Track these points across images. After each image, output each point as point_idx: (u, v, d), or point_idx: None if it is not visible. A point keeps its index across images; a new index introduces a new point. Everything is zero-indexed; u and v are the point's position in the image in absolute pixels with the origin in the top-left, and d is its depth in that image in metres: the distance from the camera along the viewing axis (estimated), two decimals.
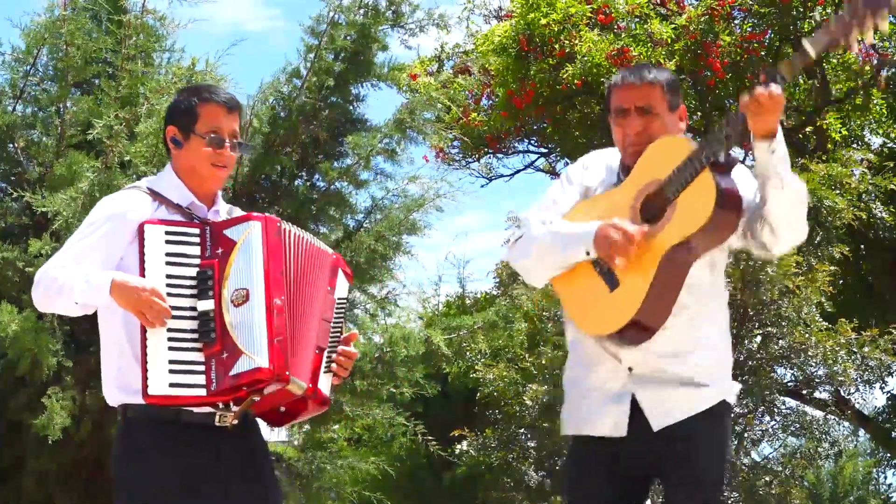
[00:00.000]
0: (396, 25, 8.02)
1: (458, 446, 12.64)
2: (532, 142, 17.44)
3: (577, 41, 13.52)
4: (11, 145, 7.28)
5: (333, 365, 3.80)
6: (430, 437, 8.16)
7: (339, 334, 3.84)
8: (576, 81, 13.29)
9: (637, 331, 3.68)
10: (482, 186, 18.26)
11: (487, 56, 14.95)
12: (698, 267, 3.77)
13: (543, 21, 13.81)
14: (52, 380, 6.52)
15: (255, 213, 3.65)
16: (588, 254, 3.73)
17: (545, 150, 17.51)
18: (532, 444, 12.53)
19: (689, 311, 3.77)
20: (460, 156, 17.57)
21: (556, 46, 13.78)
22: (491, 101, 16.03)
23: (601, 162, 4.02)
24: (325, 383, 3.74)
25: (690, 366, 3.77)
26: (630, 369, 3.78)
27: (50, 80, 7.37)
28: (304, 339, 3.64)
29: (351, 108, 7.93)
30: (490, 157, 17.88)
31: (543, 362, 10.74)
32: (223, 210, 3.84)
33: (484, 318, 8.34)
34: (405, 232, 7.72)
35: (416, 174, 7.91)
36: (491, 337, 9.05)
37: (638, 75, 3.91)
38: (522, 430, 12.30)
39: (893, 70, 15.19)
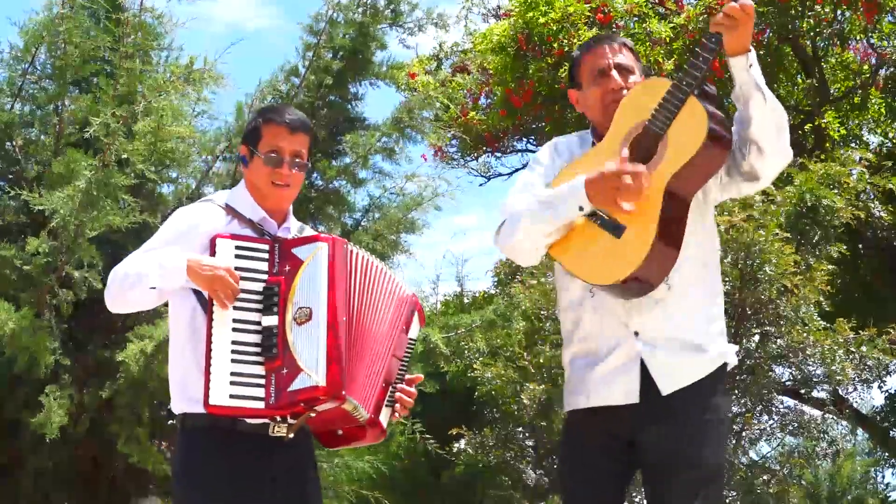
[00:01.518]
0: (395, 24, 8.03)
1: (456, 445, 12.63)
2: (530, 140, 17.43)
3: (575, 40, 13.50)
4: (9, 143, 7.28)
5: (397, 400, 3.89)
6: (428, 436, 8.16)
7: (405, 372, 3.93)
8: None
9: (643, 278, 3.65)
10: (480, 185, 18.29)
11: (486, 55, 14.94)
12: (693, 224, 3.76)
13: (542, 20, 13.80)
14: (50, 378, 6.52)
15: (323, 234, 3.74)
16: (581, 209, 3.69)
17: None
18: (530, 443, 12.52)
19: (687, 265, 3.75)
20: (458, 154, 17.57)
21: (555, 45, 13.77)
22: (489, 100, 16.03)
23: (570, 138, 4.05)
24: (384, 416, 3.83)
25: (695, 326, 3.78)
26: (636, 333, 3.77)
27: (48, 79, 7.37)
28: (368, 363, 3.71)
29: (349, 106, 7.95)
30: (488, 156, 17.88)
31: (542, 361, 10.72)
32: (294, 227, 3.94)
33: (482, 316, 8.35)
34: (403, 231, 7.73)
35: (414, 173, 7.94)
36: (489, 336, 9.05)
37: (606, 37, 4.00)
38: (520, 429, 12.29)
39: (892, 69, 15.18)
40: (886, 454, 19.73)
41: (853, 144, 15.56)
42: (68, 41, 7.00)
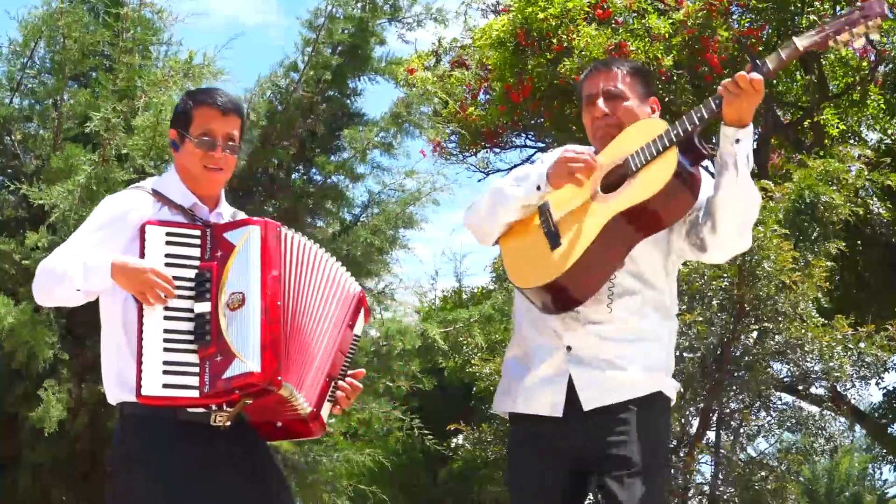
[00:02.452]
0: (394, 19, 8.02)
1: (454, 440, 12.64)
2: (529, 136, 17.43)
3: (574, 36, 13.50)
4: (8, 138, 7.27)
5: (339, 393, 3.83)
6: (426, 432, 8.16)
7: (347, 367, 3.88)
8: (573, 76, 13.26)
9: (562, 293, 3.68)
10: (479, 181, 18.26)
11: (485, 50, 14.94)
12: (652, 263, 3.80)
13: (541, 15, 13.79)
14: (49, 372, 6.52)
15: (255, 218, 3.67)
16: (539, 188, 3.75)
17: (542, 145, 17.49)
18: None
19: (635, 298, 3.78)
20: (457, 150, 17.56)
21: (554, 41, 13.76)
22: (488, 96, 16.02)
23: (585, 147, 4.07)
24: (325, 410, 3.77)
25: (630, 353, 3.77)
26: (569, 348, 3.78)
27: (47, 73, 7.37)
28: (307, 350, 3.66)
29: (348, 101, 7.94)
30: (487, 152, 17.87)
31: None
32: (227, 213, 3.88)
33: (480, 311, 8.34)
34: (402, 226, 7.72)
35: (413, 168, 7.93)
36: (487, 331, 9.05)
37: (604, 63, 4.02)
38: None
39: (891, 66, 15.18)
40: (884, 451, 19.73)
41: (852, 141, 15.54)
42: (67, 35, 6.99)
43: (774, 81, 15.14)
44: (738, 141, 3.64)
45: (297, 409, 3.65)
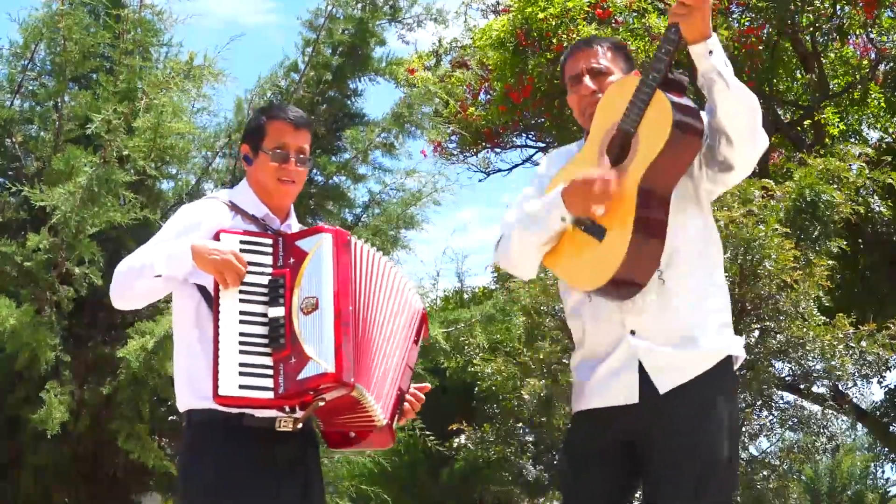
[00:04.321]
0: (394, 20, 8.03)
1: (456, 440, 12.64)
2: (530, 136, 17.44)
3: (575, 35, 13.50)
4: (9, 140, 7.28)
5: (405, 406, 3.94)
6: (427, 432, 8.15)
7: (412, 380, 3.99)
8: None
9: (626, 280, 3.66)
10: (480, 181, 18.30)
11: (485, 50, 14.94)
12: (683, 215, 3.76)
13: (541, 15, 13.80)
14: (51, 374, 6.52)
15: (326, 226, 3.76)
16: (564, 220, 3.73)
17: (543, 145, 17.51)
18: (530, 439, 12.54)
19: (680, 258, 3.75)
20: (458, 150, 17.58)
21: (554, 41, 13.77)
22: (489, 96, 16.03)
23: (569, 147, 4.09)
24: (395, 421, 3.87)
25: (692, 323, 3.74)
26: (633, 332, 3.75)
27: (48, 75, 7.38)
28: (377, 354, 3.74)
29: (349, 102, 7.95)
30: (488, 152, 17.89)
31: (541, 357, 10.73)
32: (295, 225, 3.97)
33: (482, 311, 8.34)
34: (403, 226, 7.72)
35: (413, 168, 7.94)
36: (489, 331, 9.04)
37: (584, 42, 4.01)
38: (520, 425, 12.31)
39: (891, 65, 15.18)
40: (886, 449, 19.76)
41: (853, 139, 15.55)
42: (68, 37, 7.00)
43: (774, 80, 15.15)
44: (711, 53, 3.66)
45: (372, 418, 3.72)
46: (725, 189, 4.01)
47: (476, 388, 11.73)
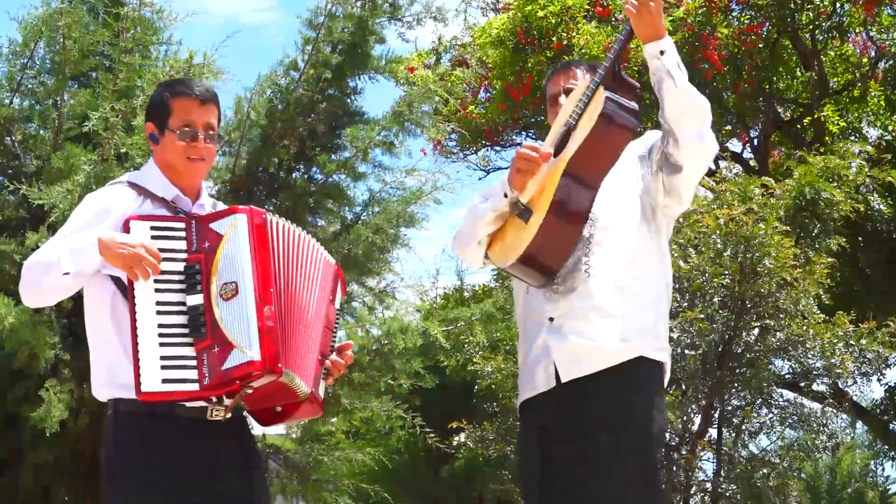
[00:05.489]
0: (394, 18, 8.03)
1: (456, 439, 12.65)
2: (529, 134, 17.41)
3: (574, 34, 13.51)
4: (8, 138, 7.27)
5: (329, 366, 3.84)
6: (428, 430, 8.15)
7: (334, 342, 3.88)
8: None
9: (537, 262, 3.73)
10: (480, 179, 18.29)
11: (485, 48, 14.93)
12: (627, 215, 3.81)
13: (541, 13, 13.80)
14: (50, 372, 6.52)
15: (240, 206, 3.63)
16: (506, 195, 3.83)
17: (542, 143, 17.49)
18: None
19: (612, 257, 3.77)
20: (458, 148, 17.58)
21: (554, 39, 13.77)
22: (488, 94, 16.02)
23: None
24: (321, 389, 3.79)
25: (610, 319, 3.74)
26: (551, 320, 3.78)
27: (47, 73, 7.37)
28: (301, 334, 3.65)
29: (348, 100, 7.93)
30: (488, 150, 17.90)
31: None
32: (208, 204, 3.85)
33: (482, 309, 8.34)
34: (403, 224, 7.72)
35: (413, 167, 7.93)
36: (489, 329, 9.05)
37: (563, 65, 4.11)
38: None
39: (891, 62, 15.18)
40: (886, 447, 19.75)
41: (852, 137, 15.55)
42: (67, 36, 6.99)
43: (774, 77, 15.15)
44: (662, 53, 3.70)
45: (297, 392, 3.63)
46: (681, 205, 3.99)
47: (476, 387, 11.71)
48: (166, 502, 3.53)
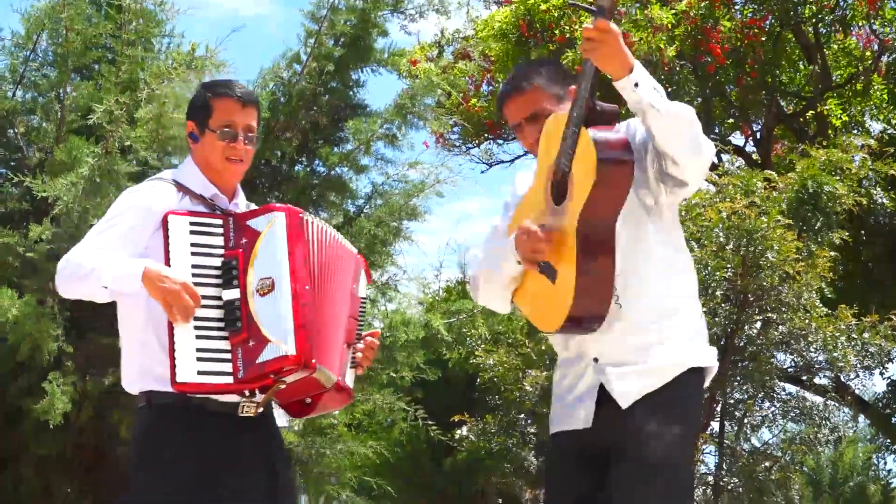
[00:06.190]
0: (396, 11, 8.03)
1: (459, 431, 12.65)
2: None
3: (577, 27, 13.50)
4: (11, 131, 7.28)
5: (357, 356, 3.90)
6: (430, 423, 8.17)
7: (361, 330, 3.94)
8: (576, 67, 13.27)
9: (583, 319, 3.67)
10: (482, 172, 18.28)
11: (488, 41, 14.94)
12: (636, 236, 3.74)
13: (543, 6, 13.80)
14: (53, 365, 6.53)
15: (277, 204, 3.69)
16: (519, 263, 3.76)
17: None
18: (532, 430, 12.54)
19: (636, 280, 3.73)
20: (460, 141, 17.57)
21: (557, 32, 13.77)
22: (491, 87, 16.02)
23: (528, 173, 4.04)
24: (350, 379, 3.83)
25: (652, 342, 3.72)
26: (596, 360, 3.75)
27: (50, 66, 7.38)
28: (331, 329, 3.71)
29: (351, 93, 7.94)
30: (490, 143, 17.88)
31: (543, 348, 10.73)
32: (242, 204, 3.90)
33: None
34: (405, 217, 7.73)
35: (416, 160, 7.94)
36: (491, 322, 9.07)
37: (516, 86, 3.91)
38: (522, 416, 12.30)
39: (894, 56, 15.17)
40: (888, 441, 19.75)
41: (855, 131, 15.55)
42: (70, 28, 6.99)
43: (777, 71, 15.14)
44: (636, 85, 3.57)
45: (325, 384, 3.68)
46: (688, 196, 3.99)
47: (478, 380, 11.73)
48: (191, 494, 3.55)
